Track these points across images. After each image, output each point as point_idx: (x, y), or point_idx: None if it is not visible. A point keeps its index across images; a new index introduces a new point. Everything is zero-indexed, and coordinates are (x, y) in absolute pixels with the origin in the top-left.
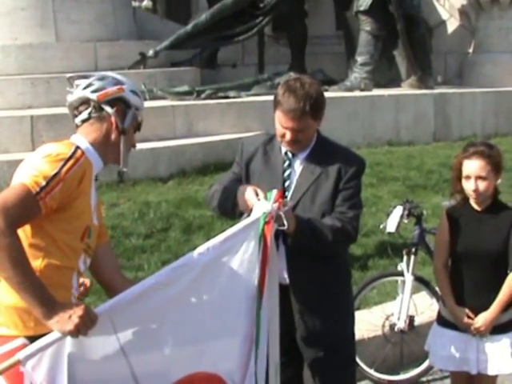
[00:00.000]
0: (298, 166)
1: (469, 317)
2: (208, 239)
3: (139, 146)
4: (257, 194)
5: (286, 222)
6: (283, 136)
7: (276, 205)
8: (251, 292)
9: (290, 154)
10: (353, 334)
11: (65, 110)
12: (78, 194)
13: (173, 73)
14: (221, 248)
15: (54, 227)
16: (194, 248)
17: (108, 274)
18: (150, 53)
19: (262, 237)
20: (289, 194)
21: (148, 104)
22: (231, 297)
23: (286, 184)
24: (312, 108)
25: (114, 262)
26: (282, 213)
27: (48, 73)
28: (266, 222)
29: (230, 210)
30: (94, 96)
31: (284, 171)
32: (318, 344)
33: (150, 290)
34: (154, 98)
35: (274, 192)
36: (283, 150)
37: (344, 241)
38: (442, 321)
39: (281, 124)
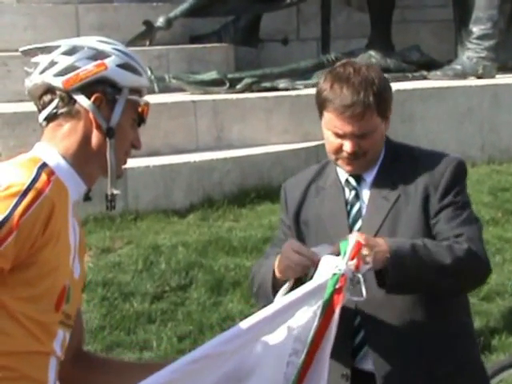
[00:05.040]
0: (367, 194)
1: None
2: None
3: (144, 161)
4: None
5: (364, 292)
6: (338, 151)
7: (354, 262)
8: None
9: (353, 181)
10: None
11: (32, 107)
12: (44, 243)
13: (194, 52)
14: (265, 327)
15: (10, 295)
16: (227, 315)
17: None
18: (160, 21)
19: (326, 309)
20: None
21: (157, 98)
22: None
23: (358, 225)
24: (377, 99)
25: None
26: (360, 275)
27: (5, 50)
28: (337, 290)
29: (273, 294)
30: (57, 82)
31: (350, 207)
32: None
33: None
34: (165, 89)
35: (352, 241)
36: (342, 177)
37: (473, 271)
38: None
39: (334, 131)
